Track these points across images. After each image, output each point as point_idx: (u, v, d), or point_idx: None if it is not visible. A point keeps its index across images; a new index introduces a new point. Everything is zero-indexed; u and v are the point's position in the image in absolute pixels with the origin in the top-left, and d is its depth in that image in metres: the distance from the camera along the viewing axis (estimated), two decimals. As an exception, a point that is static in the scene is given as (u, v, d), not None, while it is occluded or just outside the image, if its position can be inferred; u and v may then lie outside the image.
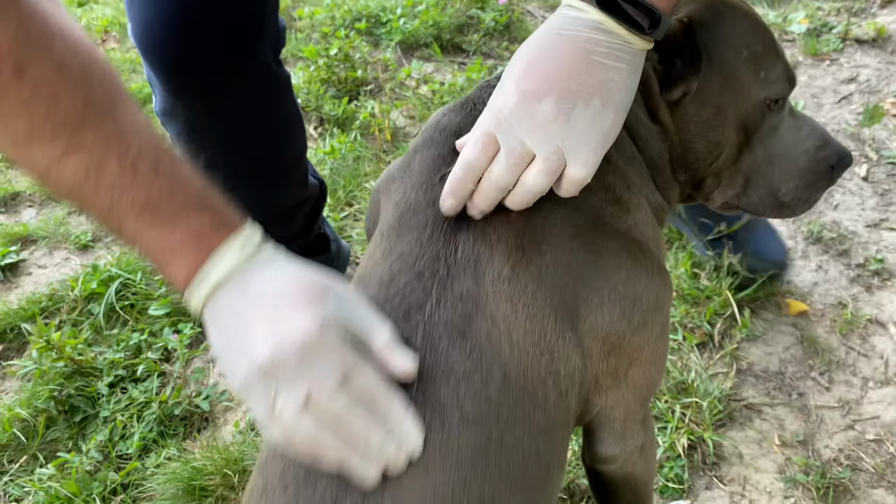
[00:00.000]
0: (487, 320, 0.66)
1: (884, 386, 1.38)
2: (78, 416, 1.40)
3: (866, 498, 1.21)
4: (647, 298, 0.74)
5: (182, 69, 1.06)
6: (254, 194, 1.15)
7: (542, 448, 0.67)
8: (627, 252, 0.74)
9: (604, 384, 0.74)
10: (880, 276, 1.58)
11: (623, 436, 0.80)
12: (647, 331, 0.75)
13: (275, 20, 1.15)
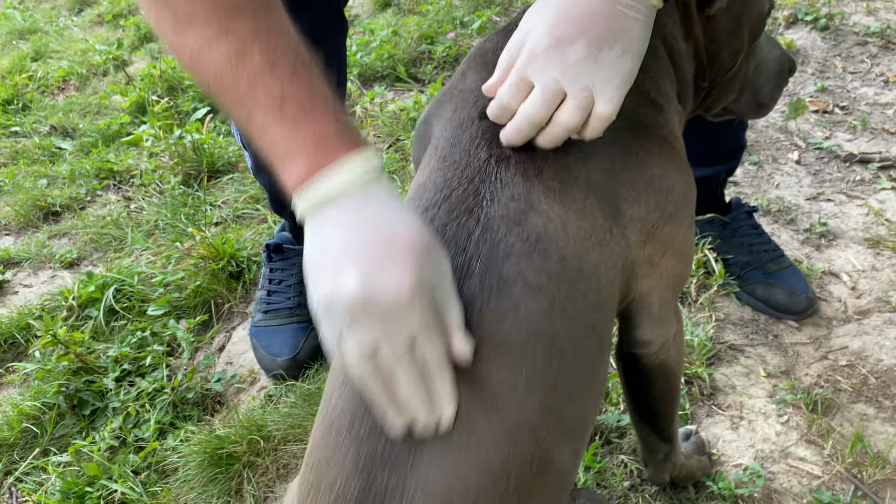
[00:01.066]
0: (541, 216, 0.72)
1: (846, 323, 1.52)
2: (87, 410, 1.39)
3: (849, 410, 1.32)
4: (677, 191, 0.84)
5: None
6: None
7: (598, 323, 0.74)
8: (660, 149, 0.84)
9: (641, 272, 0.83)
10: (826, 237, 1.75)
11: (659, 321, 0.88)
12: (677, 222, 0.85)
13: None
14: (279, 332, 1.43)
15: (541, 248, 0.70)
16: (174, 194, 1.99)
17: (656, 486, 1.19)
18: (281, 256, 1.52)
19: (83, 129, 2.42)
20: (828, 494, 1.18)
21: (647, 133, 0.84)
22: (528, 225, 0.70)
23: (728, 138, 1.54)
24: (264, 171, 1.35)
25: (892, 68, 2.41)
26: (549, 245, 0.70)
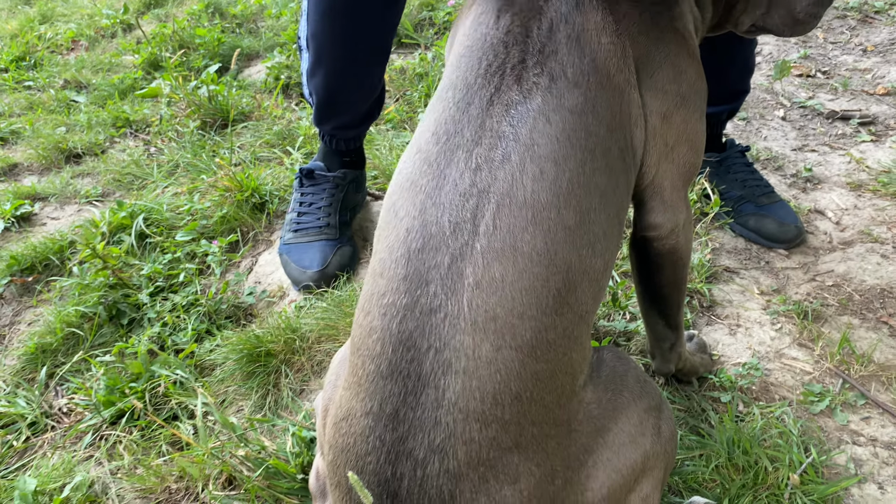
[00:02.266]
0: (583, 16, 0.85)
1: (832, 252, 1.64)
2: (125, 320, 1.46)
3: (836, 321, 1.44)
4: (689, 74, 0.95)
5: None
6: (375, 53, 1.49)
7: (617, 151, 0.83)
8: (674, 32, 0.94)
9: (656, 150, 0.92)
10: (811, 181, 1.88)
11: (671, 207, 0.97)
12: (689, 108, 0.95)
13: None
14: (309, 248, 1.53)
15: (579, 47, 0.83)
16: (193, 139, 2.06)
17: (663, 378, 1.30)
18: (312, 182, 1.61)
19: (96, 83, 2.49)
20: (818, 386, 1.29)
21: (664, 14, 0.94)
22: (574, 22, 0.84)
23: (733, 80, 1.65)
24: (319, 72, 1.47)
25: (871, 39, 2.55)
26: (585, 45, 0.83)
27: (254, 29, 2.80)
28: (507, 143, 0.75)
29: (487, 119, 0.77)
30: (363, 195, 1.74)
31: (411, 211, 0.73)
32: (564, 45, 0.82)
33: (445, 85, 0.85)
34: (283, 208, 1.77)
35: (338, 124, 1.59)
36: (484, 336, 0.68)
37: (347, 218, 1.63)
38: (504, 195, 0.72)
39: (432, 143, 0.77)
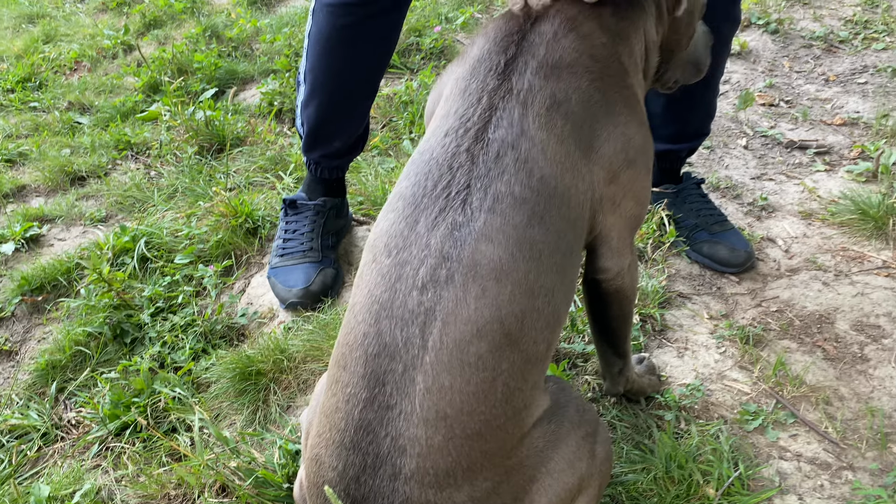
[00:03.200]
0: (529, 140, 0.94)
1: (779, 279, 1.79)
2: (128, 339, 1.60)
3: (776, 344, 1.59)
4: (638, 139, 1.07)
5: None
6: (365, 91, 1.64)
7: (569, 234, 0.96)
8: (626, 101, 1.07)
9: (605, 208, 1.04)
10: (766, 210, 2.02)
11: (617, 253, 1.10)
12: (636, 168, 1.07)
13: None
14: (294, 269, 1.67)
15: (527, 169, 0.91)
16: (190, 163, 2.20)
17: (613, 398, 1.44)
18: (296, 211, 1.76)
19: (99, 105, 2.63)
20: (754, 406, 1.43)
21: (617, 86, 1.06)
22: (520, 148, 0.92)
23: (695, 124, 1.81)
24: (312, 103, 1.63)
25: (833, 69, 2.70)
26: (533, 166, 0.92)
27: (249, 53, 2.94)
28: (450, 264, 0.83)
29: (433, 239, 0.85)
30: (347, 221, 1.88)
31: (367, 318, 0.84)
32: (512, 167, 0.90)
33: (398, 193, 0.93)
34: (274, 232, 1.91)
35: (324, 153, 1.73)
36: (435, 430, 0.80)
37: (331, 242, 1.77)
38: (449, 314, 0.81)
39: (384, 254, 0.87)
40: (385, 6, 1.53)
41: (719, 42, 1.65)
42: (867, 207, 1.91)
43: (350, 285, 1.76)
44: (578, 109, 0.99)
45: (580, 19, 1.07)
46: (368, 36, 1.57)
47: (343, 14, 1.53)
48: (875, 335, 1.60)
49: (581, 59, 1.03)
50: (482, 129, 0.93)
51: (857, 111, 2.43)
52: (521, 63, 0.99)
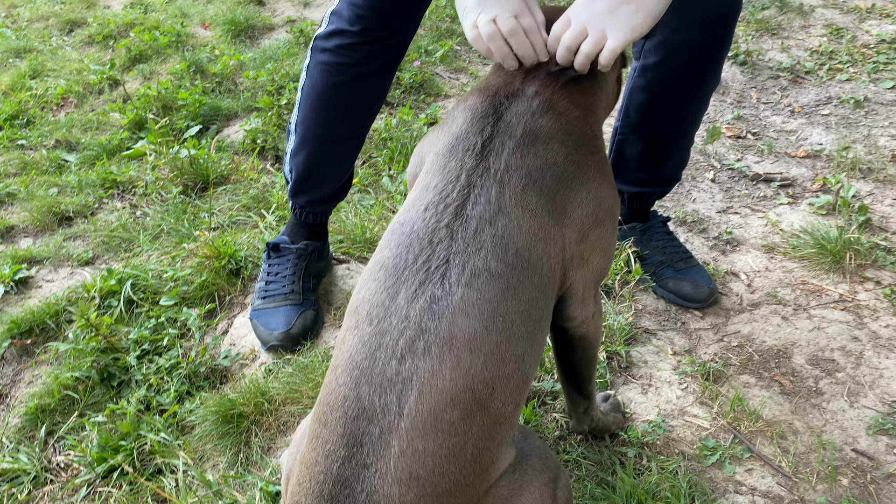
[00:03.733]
0: (506, 217, 1.00)
1: (741, 313, 1.87)
2: (115, 382, 1.67)
3: (735, 379, 1.67)
4: (608, 201, 1.15)
5: (381, 11, 1.51)
6: (353, 143, 1.73)
7: (540, 301, 1.02)
8: (598, 165, 1.15)
9: (574, 264, 1.11)
10: (731, 244, 2.11)
11: (582, 303, 1.18)
12: (604, 227, 1.15)
13: None
14: (275, 312, 1.74)
15: (503, 244, 0.98)
16: (175, 202, 2.27)
17: (579, 435, 1.52)
18: (278, 254, 1.83)
19: (86, 143, 2.69)
20: (712, 441, 1.51)
21: (590, 153, 1.14)
22: (497, 225, 0.98)
23: (667, 171, 1.89)
24: (302, 152, 1.71)
25: (799, 100, 2.80)
26: (509, 241, 0.98)
27: (232, 88, 3.01)
28: (428, 336, 0.88)
29: (412, 311, 0.90)
30: (327, 262, 1.95)
31: (348, 382, 0.90)
32: (489, 243, 0.96)
33: (380, 262, 0.98)
34: (257, 272, 1.98)
35: (310, 199, 1.81)
36: (408, 489, 0.86)
37: (311, 284, 1.84)
38: (425, 384, 0.87)
39: (366, 322, 0.92)
40: (378, 66, 1.61)
41: (700, 97, 1.73)
42: (825, 242, 2.00)
43: (330, 326, 1.83)
44: (552, 183, 1.06)
45: (555, 99, 1.15)
46: (361, 93, 1.65)
47: (337, 72, 1.60)
48: (829, 369, 1.68)
49: (557, 135, 1.10)
50: (461, 205, 0.99)
51: (821, 143, 2.52)
52: (497, 144, 1.05)
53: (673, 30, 1.41)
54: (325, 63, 1.60)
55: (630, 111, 1.80)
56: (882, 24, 3.20)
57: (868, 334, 1.76)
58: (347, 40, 1.56)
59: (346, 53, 1.57)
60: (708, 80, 1.71)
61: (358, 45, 1.56)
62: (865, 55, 3.00)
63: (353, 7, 1.52)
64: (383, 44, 1.57)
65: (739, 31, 3.26)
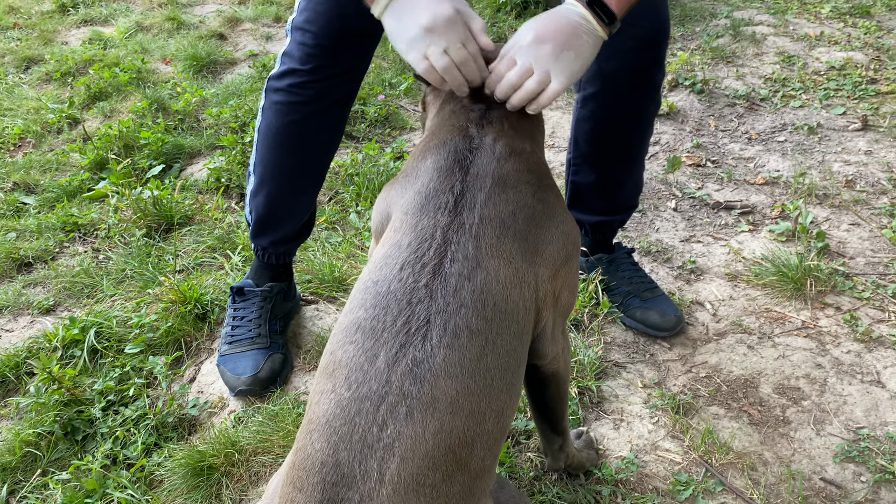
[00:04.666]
0: (484, 271, 1.00)
1: (707, 343, 1.90)
2: (79, 436, 1.62)
3: (705, 411, 1.69)
4: (573, 235, 1.17)
5: (330, 48, 1.53)
6: (313, 182, 1.73)
7: (518, 349, 1.02)
8: (558, 197, 1.17)
9: (547, 303, 1.12)
10: (695, 273, 2.14)
11: (552, 340, 1.18)
12: (572, 262, 1.16)
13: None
14: (242, 357, 1.72)
15: (483, 298, 0.97)
16: (139, 245, 2.24)
17: (555, 474, 1.52)
18: (243, 298, 1.81)
19: (45, 184, 2.64)
20: (685, 476, 1.52)
21: (550, 187, 1.17)
22: (475, 280, 0.98)
23: (623, 199, 1.92)
24: (261, 193, 1.70)
25: (755, 127, 2.87)
26: (488, 295, 0.97)
27: (195, 125, 2.98)
28: (410, 401, 0.87)
29: (393, 376, 0.88)
30: (294, 303, 1.93)
31: (326, 448, 0.87)
32: (469, 300, 0.95)
33: (356, 323, 0.95)
34: (223, 316, 1.96)
35: (272, 240, 1.79)
36: None
37: (278, 327, 1.82)
38: (408, 449, 0.86)
39: (344, 387, 0.90)
40: (332, 103, 1.62)
41: (643, 122, 1.77)
42: (786, 269, 2.04)
43: (299, 370, 1.81)
44: (524, 225, 1.07)
45: (516, 138, 1.17)
46: (316, 131, 1.66)
47: (291, 111, 1.61)
48: (795, 397, 1.71)
49: (522, 175, 1.12)
50: (439, 263, 0.98)
51: (778, 170, 2.59)
52: (469, 198, 1.05)
53: (606, 58, 1.44)
54: (279, 103, 1.61)
55: (579, 142, 1.83)
56: (831, 52, 3.30)
57: (831, 361, 1.80)
58: (299, 79, 1.58)
59: (299, 92, 1.59)
60: (648, 104, 1.75)
61: (310, 84, 1.58)
62: (817, 82, 3.09)
63: (303, 47, 1.55)
64: (335, 80, 1.59)
65: (696, 59, 3.34)
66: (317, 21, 1.52)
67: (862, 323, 1.88)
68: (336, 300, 2.03)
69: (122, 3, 4.61)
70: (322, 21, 1.52)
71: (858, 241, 2.20)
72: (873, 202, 2.36)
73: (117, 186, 2.44)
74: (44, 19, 4.36)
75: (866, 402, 1.68)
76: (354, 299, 1.00)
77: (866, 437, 1.58)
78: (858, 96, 2.95)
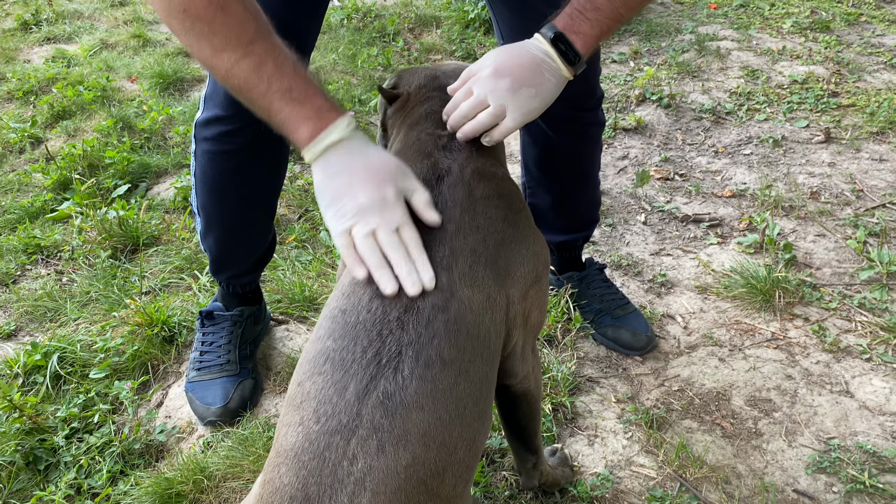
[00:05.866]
0: (458, 301, 0.96)
1: (679, 356, 1.91)
2: (42, 465, 1.58)
3: (678, 425, 1.69)
4: (543, 254, 1.16)
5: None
6: (264, 216, 1.65)
7: (489, 375, 1.02)
8: (528, 220, 1.17)
9: (518, 323, 1.11)
10: (665, 286, 2.16)
11: (522, 359, 1.18)
12: (542, 282, 1.16)
13: None
14: (211, 385, 1.68)
15: (456, 328, 0.95)
16: (104, 267, 2.19)
17: (530, 493, 1.51)
18: (212, 322, 1.77)
19: (6, 206, 2.58)
20: (660, 491, 1.52)
21: (519, 209, 1.16)
22: (449, 310, 0.95)
23: (584, 214, 1.92)
24: (210, 235, 1.64)
25: (722, 140, 2.91)
26: (461, 324, 0.95)
27: (162, 144, 2.94)
28: (382, 434, 0.85)
29: (364, 409, 0.86)
30: (264, 324, 1.90)
31: (294, 483, 0.85)
32: (442, 330, 0.93)
33: (323, 353, 0.93)
34: (191, 339, 1.92)
35: (232, 274, 1.76)
36: None
37: (248, 351, 1.78)
38: (379, 483, 0.84)
39: (313, 420, 0.87)
40: (266, 145, 1.50)
41: (589, 139, 1.76)
42: (755, 281, 2.06)
43: (269, 392, 1.78)
44: (495, 250, 1.06)
45: (484, 163, 1.14)
46: (255, 175, 1.58)
47: (224, 160, 1.53)
48: (767, 409, 1.72)
49: (492, 201, 1.10)
50: (411, 297, 0.95)
51: (745, 182, 2.62)
52: (439, 229, 1.03)
53: None
54: (210, 152, 1.52)
55: (529, 166, 1.82)
56: (793, 66, 3.36)
57: (801, 372, 1.81)
58: (226, 127, 1.47)
59: (229, 140, 1.48)
60: (589, 125, 1.72)
61: (238, 131, 1.46)
62: (780, 95, 3.14)
63: (222, 88, 1.39)
64: (263, 124, 1.50)
65: (662, 74, 3.38)
66: None
67: (830, 333, 1.90)
68: (307, 320, 2.01)
69: (86, 20, 4.55)
70: None
71: (824, 251, 2.24)
72: (838, 213, 2.40)
73: (81, 207, 2.40)
74: (5, 37, 4.29)
75: (836, 412, 1.69)
76: (322, 327, 0.98)
77: (837, 448, 1.60)
78: (821, 109, 3.01)
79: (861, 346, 1.86)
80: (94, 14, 4.65)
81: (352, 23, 4.09)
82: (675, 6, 4.21)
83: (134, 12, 4.57)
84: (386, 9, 4.35)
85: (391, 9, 4.34)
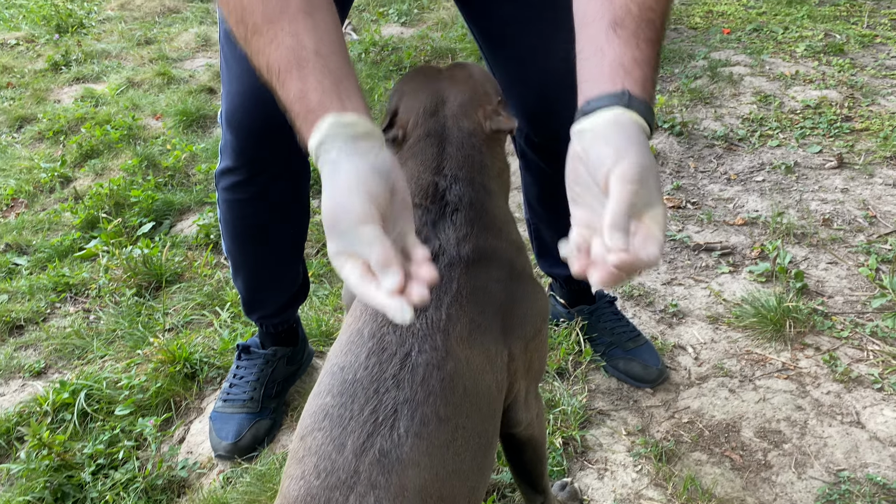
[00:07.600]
0: (454, 359, 0.97)
1: (690, 387, 1.93)
2: (69, 501, 1.64)
3: (688, 457, 1.71)
4: (543, 309, 1.19)
5: (257, 143, 1.39)
6: (289, 260, 1.66)
7: (489, 428, 1.04)
8: (530, 281, 1.19)
9: (519, 375, 1.14)
10: (677, 316, 2.18)
11: (525, 407, 1.21)
12: (542, 334, 1.19)
13: None
14: (230, 419, 1.74)
15: (452, 386, 0.95)
16: (129, 304, 2.27)
17: (539, 528, 1.53)
18: (248, 357, 1.83)
19: (37, 245, 2.68)
20: (669, 524, 1.54)
21: (522, 265, 1.18)
22: (445, 368, 0.96)
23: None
24: (238, 277, 1.70)
25: (734, 167, 2.93)
26: (457, 382, 0.96)
27: (185, 181, 3.04)
28: (378, 491, 0.86)
29: (361, 466, 0.88)
30: (300, 364, 1.93)
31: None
32: (437, 388, 0.94)
33: (322, 409, 0.95)
34: (213, 374, 1.98)
35: (263, 315, 1.80)
36: None
37: (274, 391, 1.82)
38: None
39: (314, 475, 0.89)
40: (283, 192, 1.52)
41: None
42: (766, 311, 2.08)
43: (286, 428, 1.83)
44: (493, 319, 1.07)
45: (485, 234, 1.12)
46: (277, 221, 1.60)
47: (243, 209, 1.54)
48: (777, 440, 1.73)
49: (493, 274, 1.09)
50: (406, 355, 0.97)
51: (757, 210, 2.64)
52: (434, 298, 1.03)
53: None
54: (229, 201, 1.56)
55: (531, 203, 1.85)
56: (806, 90, 3.38)
57: (811, 402, 1.82)
58: (237, 178, 1.49)
59: (244, 189, 1.50)
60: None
61: (249, 181, 1.48)
62: (793, 121, 3.16)
63: (232, 141, 1.43)
64: (275, 174, 1.48)
65: (674, 101, 3.41)
66: (238, 111, 1.36)
67: (841, 363, 1.91)
68: (323, 355, 2.06)
69: (113, 59, 4.70)
70: (242, 111, 1.35)
71: (836, 279, 2.25)
72: (850, 240, 2.41)
73: (108, 245, 2.48)
74: (37, 78, 4.45)
75: (846, 443, 1.70)
76: (322, 383, 1.00)
77: (847, 480, 1.61)
78: (834, 134, 3.02)
79: (873, 376, 1.87)
80: (120, 53, 4.81)
81: (369, 56, 4.18)
82: (688, 31, 4.25)
83: (159, 50, 4.72)
84: (403, 41, 4.44)
85: (408, 41, 4.43)
